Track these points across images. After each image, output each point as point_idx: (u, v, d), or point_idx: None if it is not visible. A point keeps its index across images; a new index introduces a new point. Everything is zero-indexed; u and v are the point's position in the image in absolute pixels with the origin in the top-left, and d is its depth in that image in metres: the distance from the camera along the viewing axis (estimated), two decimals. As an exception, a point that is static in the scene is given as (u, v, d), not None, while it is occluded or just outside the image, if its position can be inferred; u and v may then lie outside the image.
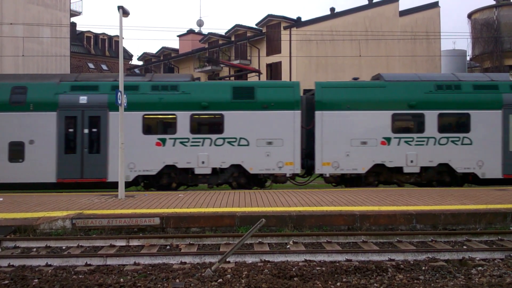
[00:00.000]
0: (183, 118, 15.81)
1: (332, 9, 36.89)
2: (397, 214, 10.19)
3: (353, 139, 15.98)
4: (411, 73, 20.29)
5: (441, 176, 16.41)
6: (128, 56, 50.45)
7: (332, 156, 15.98)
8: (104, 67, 46.72)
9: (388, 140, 15.99)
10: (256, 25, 36.50)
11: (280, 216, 10.05)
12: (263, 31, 35.90)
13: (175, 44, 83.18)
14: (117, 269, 7.41)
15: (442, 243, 8.93)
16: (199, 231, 9.91)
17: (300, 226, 10.01)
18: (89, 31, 47.20)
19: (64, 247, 8.79)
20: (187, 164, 15.80)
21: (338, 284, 6.55)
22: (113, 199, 12.74)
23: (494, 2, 39.78)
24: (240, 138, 15.81)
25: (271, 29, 35.28)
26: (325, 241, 9.06)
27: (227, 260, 7.34)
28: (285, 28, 34.02)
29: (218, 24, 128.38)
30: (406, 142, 16.02)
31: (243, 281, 6.62)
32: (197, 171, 15.85)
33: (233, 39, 38.56)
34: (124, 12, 13.26)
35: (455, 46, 46.19)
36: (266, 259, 7.81)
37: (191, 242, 8.97)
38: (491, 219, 10.23)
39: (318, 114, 16.11)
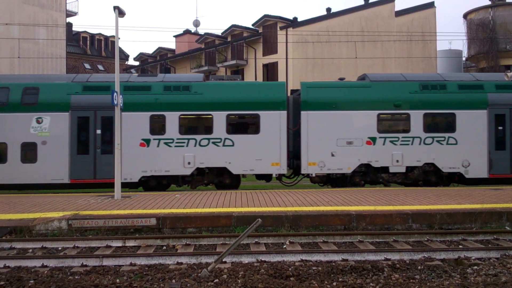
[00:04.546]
0: None
1: (328, 9, 36.95)
2: (393, 214, 10.21)
3: None
4: None
5: None
6: (124, 56, 50.36)
7: None
8: (101, 67, 46.62)
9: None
10: (253, 25, 36.51)
11: (277, 216, 10.06)
12: (260, 31, 35.92)
13: (171, 44, 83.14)
14: (113, 269, 7.39)
15: (438, 243, 8.95)
16: (196, 232, 9.91)
17: (297, 226, 10.01)
18: (85, 32, 47.10)
19: (60, 248, 8.77)
20: None
21: (334, 283, 6.56)
22: (109, 199, 12.72)
23: (489, 2, 39.93)
24: None
25: (268, 29, 35.30)
26: (322, 241, 9.07)
27: (223, 260, 7.34)
28: (281, 28, 34.04)
29: (215, 24, 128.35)
30: None
31: (239, 281, 6.62)
32: None
33: (229, 39, 38.56)
34: (120, 12, 13.24)
35: (451, 46, 46.37)
36: (263, 259, 7.82)
37: (187, 243, 8.96)
38: (486, 219, 10.26)
39: None
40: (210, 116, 16.00)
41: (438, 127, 16.38)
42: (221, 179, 16.36)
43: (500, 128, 16.35)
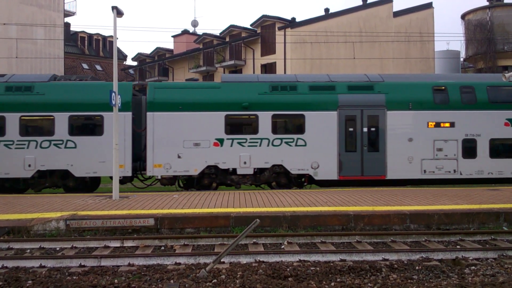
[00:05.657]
0: None
1: (327, 10, 37.00)
2: (391, 214, 10.23)
3: None
4: None
5: None
6: (122, 56, 50.34)
7: None
8: (98, 67, 46.60)
9: None
10: (251, 25, 36.52)
11: (275, 217, 10.07)
12: (258, 31, 35.93)
13: (169, 44, 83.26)
14: (111, 270, 7.39)
15: (436, 243, 8.97)
16: (194, 232, 9.91)
17: (295, 226, 10.02)
18: (83, 32, 47.05)
19: (58, 248, 8.76)
20: None
21: (332, 284, 6.58)
22: (107, 200, 12.71)
23: (487, 3, 40.02)
24: None
25: (266, 30, 35.30)
26: (320, 241, 9.08)
27: (221, 260, 7.34)
28: (279, 28, 34.06)
29: (213, 25, 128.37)
30: None
31: (237, 281, 6.63)
32: None
33: (227, 39, 38.56)
34: (118, 13, 13.24)
35: (448, 47, 46.45)
36: (261, 260, 7.83)
37: (185, 243, 8.96)
38: (484, 219, 10.29)
39: None
40: (52, 118, 15.67)
41: (287, 129, 16.26)
42: (65, 182, 16.01)
43: (351, 129, 16.19)
